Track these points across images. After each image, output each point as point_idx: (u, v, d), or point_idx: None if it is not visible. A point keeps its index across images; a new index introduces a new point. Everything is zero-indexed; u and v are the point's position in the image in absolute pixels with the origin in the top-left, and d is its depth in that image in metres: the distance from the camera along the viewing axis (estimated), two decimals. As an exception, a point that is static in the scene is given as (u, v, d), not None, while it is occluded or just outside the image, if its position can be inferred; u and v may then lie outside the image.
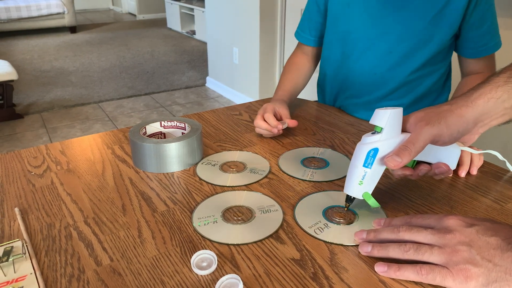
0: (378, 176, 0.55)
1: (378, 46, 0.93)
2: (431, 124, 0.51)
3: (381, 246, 0.49)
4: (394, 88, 0.97)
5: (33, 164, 0.76)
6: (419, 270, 0.45)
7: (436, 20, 0.87)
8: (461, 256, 0.43)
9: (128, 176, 0.71)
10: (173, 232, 0.56)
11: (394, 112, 0.53)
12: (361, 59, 0.96)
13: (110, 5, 8.96)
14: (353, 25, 0.94)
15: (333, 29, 1.00)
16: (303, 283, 0.47)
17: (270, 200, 0.63)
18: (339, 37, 0.99)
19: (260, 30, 2.84)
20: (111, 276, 0.49)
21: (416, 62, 0.92)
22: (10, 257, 0.50)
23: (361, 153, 0.54)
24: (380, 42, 0.93)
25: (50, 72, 4.15)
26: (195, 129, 0.75)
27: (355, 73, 0.99)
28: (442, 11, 0.86)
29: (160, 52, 5.02)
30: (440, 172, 0.57)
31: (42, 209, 0.62)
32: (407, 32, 0.89)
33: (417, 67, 0.93)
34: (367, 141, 0.54)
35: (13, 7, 5.55)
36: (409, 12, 0.88)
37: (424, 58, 0.91)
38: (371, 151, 0.53)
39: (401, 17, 0.89)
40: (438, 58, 0.93)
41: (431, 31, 0.88)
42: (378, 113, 0.54)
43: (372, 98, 1.00)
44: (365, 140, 0.55)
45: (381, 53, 0.93)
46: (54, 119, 3.01)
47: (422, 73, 0.94)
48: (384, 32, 0.91)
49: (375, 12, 0.91)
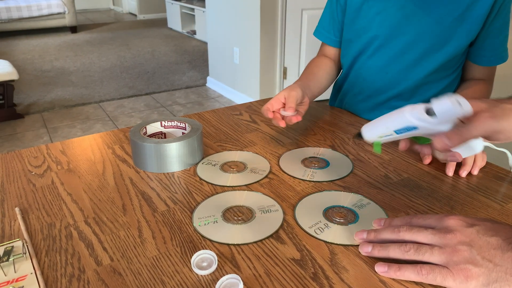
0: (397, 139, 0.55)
1: (393, 46, 0.92)
2: (496, 118, 0.48)
3: (382, 246, 0.49)
4: (403, 90, 0.96)
5: (34, 164, 0.76)
6: (420, 270, 0.45)
7: (455, 25, 0.86)
8: (462, 256, 0.43)
9: (129, 176, 0.71)
10: (174, 232, 0.56)
11: (457, 106, 0.48)
12: (374, 56, 0.96)
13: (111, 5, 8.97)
14: (370, 23, 0.93)
15: (351, 26, 0.98)
16: (303, 283, 0.47)
17: (270, 200, 0.63)
18: (356, 34, 0.97)
19: (261, 30, 2.84)
20: (112, 276, 0.49)
21: (429, 66, 0.91)
22: (11, 257, 0.50)
23: (401, 122, 0.52)
24: (395, 41, 0.92)
25: (51, 72, 4.15)
26: (195, 129, 0.75)
27: (367, 71, 0.98)
28: (462, 16, 0.85)
29: (161, 52, 5.03)
30: (452, 160, 0.56)
31: (42, 209, 0.62)
32: (424, 34, 0.88)
33: (429, 71, 0.92)
34: (415, 116, 0.51)
35: (14, 7, 5.55)
36: (427, 14, 0.87)
37: (437, 63, 0.90)
38: (411, 127, 0.52)
39: (419, 19, 0.87)
40: (451, 64, 0.92)
41: (447, 35, 0.87)
42: (442, 98, 0.49)
43: (380, 98, 1.00)
44: (414, 114, 0.51)
45: (395, 53, 0.93)
46: (54, 119, 3.01)
47: (434, 78, 0.94)
48: (400, 32, 0.90)
49: (393, 11, 0.90)
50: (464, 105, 0.49)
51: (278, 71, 3.03)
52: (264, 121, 0.95)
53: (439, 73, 0.93)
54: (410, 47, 0.91)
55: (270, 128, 0.91)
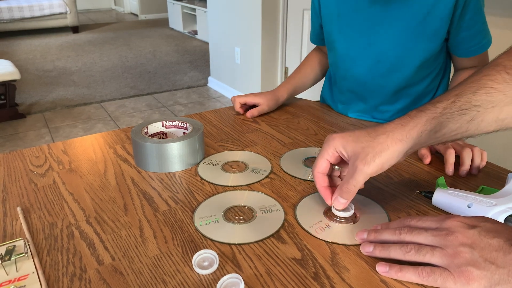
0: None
1: (367, 56, 0.94)
2: (367, 163, 0.52)
3: (383, 247, 0.49)
4: (387, 95, 0.97)
5: (35, 163, 0.76)
6: (421, 272, 0.45)
7: (419, 30, 0.87)
8: (463, 258, 0.42)
9: (130, 175, 0.71)
10: (175, 232, 0.56)
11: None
12: (352, 68, 0.98)
13: (113, 5, 8.97)
14: (342, 35, 0.96)
15: (327, 38, 1.02)
16: (304, 283, 0.47)
17: (271, 200, 0.63)
18: (331, 47, 1.01)
19: (262, 30, 2.84)
20: (113, 275, 0.49)
21: (405, 70, 0.93)
22: (12, 256, 0.50)
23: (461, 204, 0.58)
24: (368, 52, 0.94)
25: (53, 72, 4.16)
26: (196, 129, 0.76)
27: (348, 81, 1.01)
28: (425, 21, 0.86)
29: (162, 52, 5.03)
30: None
31: (44, 208, 0.62)
32: (392, 42, 0.90)
33: (407, 75, 0.93)
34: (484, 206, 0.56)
35: (16, 7, 5.56)
36: (391, 23, 0.89)
37: (413, 66, 0.92)
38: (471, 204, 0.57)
39: (384, 29, 0.90)
40: (428, 64, 0.93)
41: (414, 41, 0.88)
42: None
43: (367, 105, 1.01)
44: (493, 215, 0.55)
45: (370, 62, 0.94)
46: (56, 119, 3.01)
47: (414, 80, 0.95)
48: (370, 42, 0.93)
49: (361, 24, 0.92)
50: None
51: (279, 71, 3.03)
52: (265, 121, 0.95)
53: (418, 74, 0.94)
54: (383, 56, 0.93)
55: (271, 128, 0.91)
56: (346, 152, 0.55)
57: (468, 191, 0.59)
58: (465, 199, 0.57)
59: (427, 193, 0.62)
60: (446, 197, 0.59)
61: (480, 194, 0.58)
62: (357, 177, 0.53)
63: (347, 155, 0.55)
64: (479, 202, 0.56)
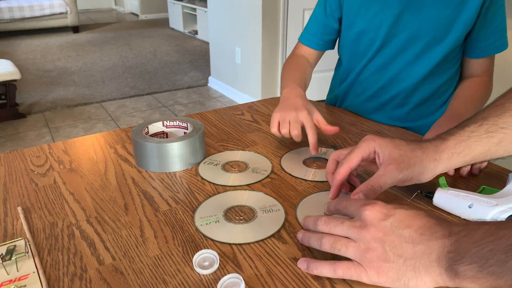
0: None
1: (394, 44, 0.93)
2: (400, 169, 0.55)
3: (305, 235, 0.51)
4: (405, 87, 0.97)
5: (36, 163, 0.76)
6: (335, 269, 0.45)
7: (452, 17, 0.87)
8: (375, 254, 0.44)
9: (131, 175, 0.71)
10: (175, 232, 0.56)
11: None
12: (376, 56, 0.96)
13: (113, 5, 8.98)
14: (369, 25, 0.94)
15: (349, 30, 0.99)
16: (304, 283, 0.47)
17: (272, 200, 0.63)
18: (355, 38, 0.98)
19: (263, 29, 2.84)
20: (113, 275, 0.49)
21: (430, 59, 0.92)
22: (13, 256, 0.50)
23: (462, 205, 0.58)
24: (395, 39, 0.92)
25: (53, 71, 4.16)
26: (197, 129, 0.76)
27: (369, 71, 0.99)
28: (458, 8, 0.86)
29: (163, 52, 5.03)
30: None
31: (44, 208, 0.62)
32: (424, 28, 0.89)
33: (431, 65, 0.92)
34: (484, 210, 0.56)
35: (16, 7, 5.57)
36: (424, 9, 0.87)
37: (439, 56, 0.91)
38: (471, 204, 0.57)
39: (418, 13, 0.88)
40: (452, 56, 0.93)
41: (446, 28, 0.88)
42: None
43: (383, 98, 1.00)
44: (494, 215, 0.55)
45: (396, 50, 0.93)
46: (56, 119, 3.02)
47: (435, 72, 0.94)
48: (400, 29, 0.91)
49: (390, 11, 0.90)
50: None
51: (280, 71, 3.03)
52: (266, 121, 0.95)
53: (441, 67, 0.94)
54: (411, 43, 0.91)
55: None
56: (383, 154, 0.57)
57: (469, 191, 0.59)
58: (466, 199, 0.57)
59: (428, 193, 0.62)
60: (447, 197, 0.59)
61: (481, 194, 0.58)
62: (387, 179, 0.55)
63: (382, 157, 0.57)
64: (480, 202, 0.56)
